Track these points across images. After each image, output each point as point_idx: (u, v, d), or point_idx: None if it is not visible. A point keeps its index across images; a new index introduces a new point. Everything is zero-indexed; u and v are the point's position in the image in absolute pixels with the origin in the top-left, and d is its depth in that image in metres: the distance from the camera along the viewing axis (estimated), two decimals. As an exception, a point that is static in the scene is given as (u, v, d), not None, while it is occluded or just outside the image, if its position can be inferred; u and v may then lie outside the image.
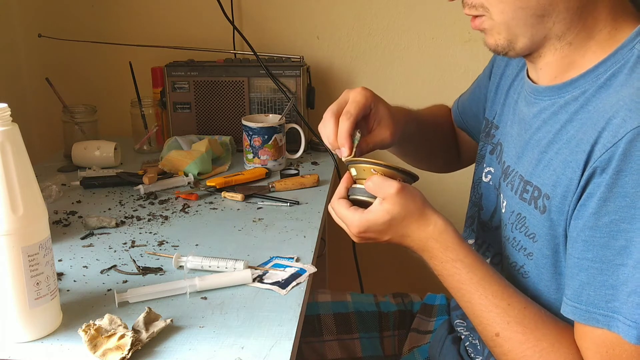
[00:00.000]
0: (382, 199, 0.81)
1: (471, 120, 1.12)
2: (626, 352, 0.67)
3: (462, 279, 0.79)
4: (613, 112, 0.69)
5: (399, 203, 0.80)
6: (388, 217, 0.81)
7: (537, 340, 0.74)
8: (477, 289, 0.78)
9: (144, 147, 1.59)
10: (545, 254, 0.79)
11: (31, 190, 0.74)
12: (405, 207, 0.80)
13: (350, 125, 0.88)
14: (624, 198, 0.66)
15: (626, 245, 0.66)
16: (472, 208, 1.03)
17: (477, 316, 0.78)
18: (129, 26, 1.74)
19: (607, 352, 0.68)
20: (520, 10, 0.75)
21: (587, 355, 0.71)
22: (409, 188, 0.82)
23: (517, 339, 0.74)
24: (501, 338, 0.75)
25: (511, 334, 0.75)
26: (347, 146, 0.88)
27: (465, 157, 1.20)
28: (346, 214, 0.84)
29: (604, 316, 0.68)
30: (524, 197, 0.82)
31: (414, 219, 0.81)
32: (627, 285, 0.66)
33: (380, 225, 0.81)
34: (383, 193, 0.81)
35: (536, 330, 0.74)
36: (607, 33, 0.75)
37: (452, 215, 1.76)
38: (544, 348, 0.73)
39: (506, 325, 0.75)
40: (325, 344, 1.14)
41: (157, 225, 1.14)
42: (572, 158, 0.73)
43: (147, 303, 0.85)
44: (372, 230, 0.82)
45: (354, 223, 0.83)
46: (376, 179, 0.82)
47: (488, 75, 1.05)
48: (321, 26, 1.72)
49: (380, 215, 0.81)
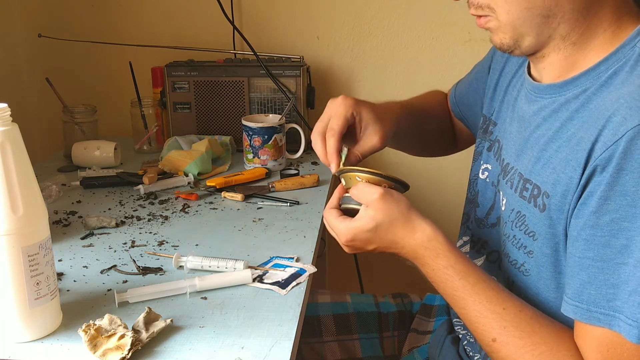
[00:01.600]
0: (365, 205, 0.81)
1: (468, 111, 1.12)
2: (627, 352, 0.67)
3: (455, 285, 0.78)
4: (613, 110, 0.69)
5: (382, 209, 0.80)
6: (373, 224, 0.80)
7: (535, 344, 0.73)
8: (470, 295, 0.77)
9: (144, 147, 1.59)
10: (545, 252, 0.79)
11: (31, 190, 0.74)
12: (389, 212, 0.80)
13: (335, 142, 0.91)
14: (624, 197, 0.66)
15: (627, 244, 0.66)
16: (467, 205, 1.03)
17: (472, 322, 0.78)
18: (129, 26, 1.73)
19: (608, 351, 0.68)
20: (526, 10, 0.75)
21: (587, 355, 0.70)
22: (393, 193, 0.82)
23: (515, 344, 0.74)
24: (498, 343, 0.75)
25: (508, 339, 0.74)
26: (335, 163, 0.91)
27: (461, 141, 1.21)
28: (335, 223, 0.85)
29: (605, 315, 0.68)
30: (523, 195, 0.82)
31: (399, 225, 0.81)
32: (628, 284, 0.66)
33: (366, 232, 0.81)
34: (366, 199, 0.81)
35: (533, 334, 0.74)
36: (611, 32, 0.75)
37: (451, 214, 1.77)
38: (543, 352, 0.73)
39: (503, 330, 0.75)
40: (325, 344, 1.14)
41: (157, 225, 1.14)
42: (572, 156, 0.73)
43: (147, 303, 0.85)
44: (359, 239, 0.82)
45: (341, 232, 0.83)
46: (360, 185, 0.83)
47: (487, 69, 1.05)
48: (321, 26, 1.72)
49: (365, 222, 0.81)
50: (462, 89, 1.14)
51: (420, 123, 1.11)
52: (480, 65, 1.09)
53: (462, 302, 0.78)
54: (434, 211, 1.77)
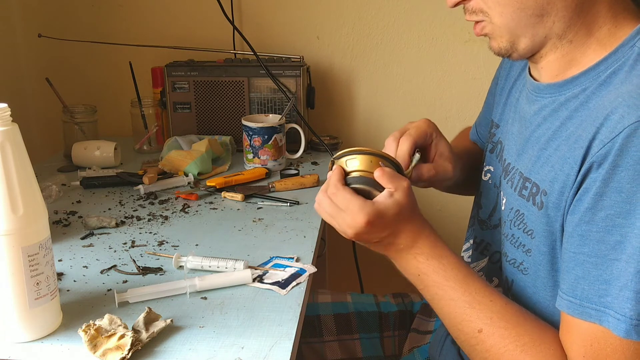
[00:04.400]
0: (395, 190, 0.80)
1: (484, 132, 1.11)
2: (610, 347, 0.67)
3: (448, 275, 0.79)
4: (612, 109, 0.69)
5: (409, 197, 0.81)
6: (398, 209, 0.79)
7: (519, 335, 0.74)
8: (461, 285, 0.78)
9: (144, 147, 1.59)
10: (542, 250, 0.79)
11: (31, 190, 0.74)
12: (412, 201, 0.81)
13: (409, 145, 0.91)
14: (619, 193, 0.67)
15: (621, 240, 0.67)
16: (474, 208, 1.03)
17: (459, 314, 0.78)
18: (129, 26, 1.74)
19: (591, 345, 0.69)
20: (519, 11, 0.76)
21: (571, 348, 0.71)
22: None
23: (500, 334, 0.75)
24: (484, 334, 0.76)
25: (494, 329, 0.75)
26: (405, 166, 0.89)
27: None
28: (353, 200, 0.78)
29: (596, 311, 0.69)
30: (522, 194, 0.82)
31: (416, 214, 0.82)
32: (620, 279, 0.67)
33: (391, 216, 0.79)
34: (396, 185, 0.80)
35: (518, 326, 0.75)
36: (607, 30, 0.76)
37: (451, 214, 1.76)
38: (525, 343, 0.74)
39: (489, 321, 0.76)
40: (326, 344, 1.14)
41: (157, 225, 1.14)
42: (570, 154, 0.74)
43: (147, 303, 0.85)
44: (376, 223, 0.78)
45: (363, 210, 0.77)
46: (389, 170, 0.82)
47: (495, 82, 1.06)
48: (321, 26, 1.72)
49: (391, 206, 0.79)
50: (479, 118, 1.14)
51: (473, 164, 1.10)
52: (491, 85, 1.10)
53: (452, 291, 0.79)
54: (433, 211, 1.77)
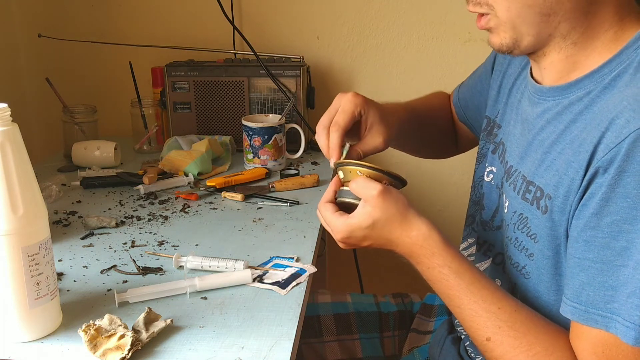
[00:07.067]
0: (364, 201, 0.81)
1: (472, 114, 1.12)
2: (622, 353, 0.67)
3: (451, 284, 0.78)
4: (617, 113, 0.69)
5: (380, 206, 0.80)
6: (370, 221, 0.80)
7: (530, 344, 0.73)
8: (465, 294, 0.77)
9: (144, 147, 1.59)
10: (546, 254, 0.78)
11: (31, 190, 0.74)
12: (386, 210, 0.80)
13: (338, 137, 0.91)
14: (625, 199, 0.66)
15: (627, 246, 0.66)
16: (472, 207, 1.03)
17: (467, 321, 0.78)
18: (129, 26, 1.73)
19: (603, 352, 0.68)
20: (526, 8, 0.75)
21: (582, 355, 0.70)
22: (392, 191, 0.81)
23: (509, 343, 0.74)
24: (492, 342, 0.75)
25: (503, 338, 0.74)
26: (335, 157, 0.91)
27: (463, 144, 1.20)
28: (331, 219, 0.84)
29: (602, 317, 0.68)
30: (526, 198, 0.82)
31: (396, 224, 0.80)
32: (627, 286, 0.66)
33: (363, 229, 0.81)
34: (365, 195, 0.81)
35: (528, 334, 0.74)
36: (614, 33, 0.75)
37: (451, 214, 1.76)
38: (537, 352, 0.73)
39: (497, 330, 0.75)
40: (326, 344, 1.14)
41: (157, 225, 1.14)
42: (574, 158, 0.73)
43: (147, 303, 0.85)
44: (354, 236, 0.82)
45: (337, 228, 0.83)
46: (360, 180, 0.82)
47: (490, 70, 1.04)
48: (321, 26, 1.72)
49: (362, 219, 0.81)
50: (465, 92, 1.14)
51: (423, 126, 1.11)
52: (482, 67, 1.09)
53: (457, 300, 0.78)
54: (434, 211, 1.77)
